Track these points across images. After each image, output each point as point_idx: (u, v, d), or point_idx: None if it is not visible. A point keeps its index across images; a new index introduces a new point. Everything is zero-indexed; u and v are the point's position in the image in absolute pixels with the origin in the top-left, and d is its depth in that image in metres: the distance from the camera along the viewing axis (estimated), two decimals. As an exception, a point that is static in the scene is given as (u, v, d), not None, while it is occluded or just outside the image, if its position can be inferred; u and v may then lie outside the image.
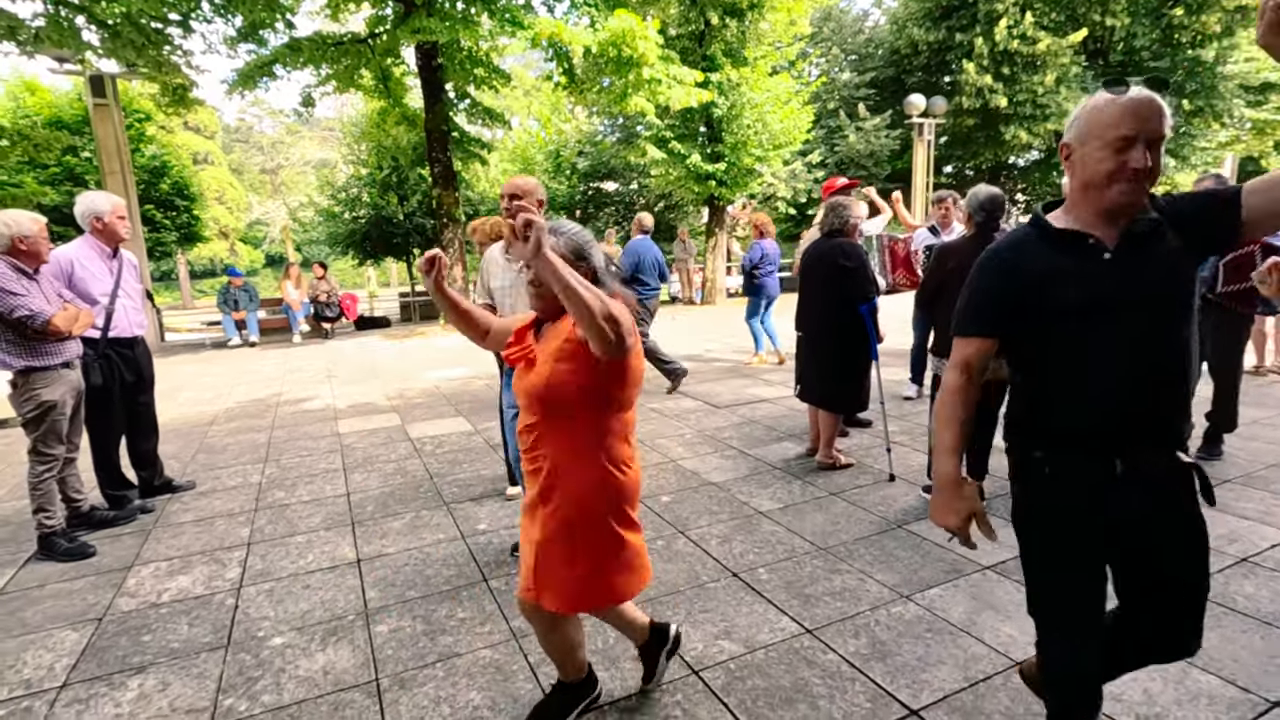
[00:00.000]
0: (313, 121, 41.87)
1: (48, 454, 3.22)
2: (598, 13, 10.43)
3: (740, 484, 3.99)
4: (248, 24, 10.83)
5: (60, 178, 15.79)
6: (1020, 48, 16.14)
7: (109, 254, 3.71)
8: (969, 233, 3.60)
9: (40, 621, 2.74)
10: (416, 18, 9.71)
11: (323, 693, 2.23)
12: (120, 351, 3.75)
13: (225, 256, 39.18)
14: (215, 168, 42.10)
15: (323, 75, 12.05)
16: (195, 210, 19.28)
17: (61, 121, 15.68)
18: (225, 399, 7.15)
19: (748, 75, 13.74)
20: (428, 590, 2.88)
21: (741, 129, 14.03)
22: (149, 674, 2.36)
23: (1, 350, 3.07)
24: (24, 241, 3.06)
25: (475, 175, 18.08)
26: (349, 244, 16.93)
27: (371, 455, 4.84)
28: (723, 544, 3.20)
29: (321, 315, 12.37)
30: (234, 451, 5.10)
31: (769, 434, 4.96)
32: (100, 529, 3.63)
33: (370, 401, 6.68)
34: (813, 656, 2.31)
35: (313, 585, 2.96)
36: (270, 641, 2.53)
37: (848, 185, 5.69)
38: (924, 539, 3.16)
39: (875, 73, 20.58)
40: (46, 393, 3.16)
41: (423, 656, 2.40)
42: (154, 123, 18.17)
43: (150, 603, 2.86)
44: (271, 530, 3.58)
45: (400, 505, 3.86)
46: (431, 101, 12.19)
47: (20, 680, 2.36)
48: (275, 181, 48.47)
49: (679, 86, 11.16)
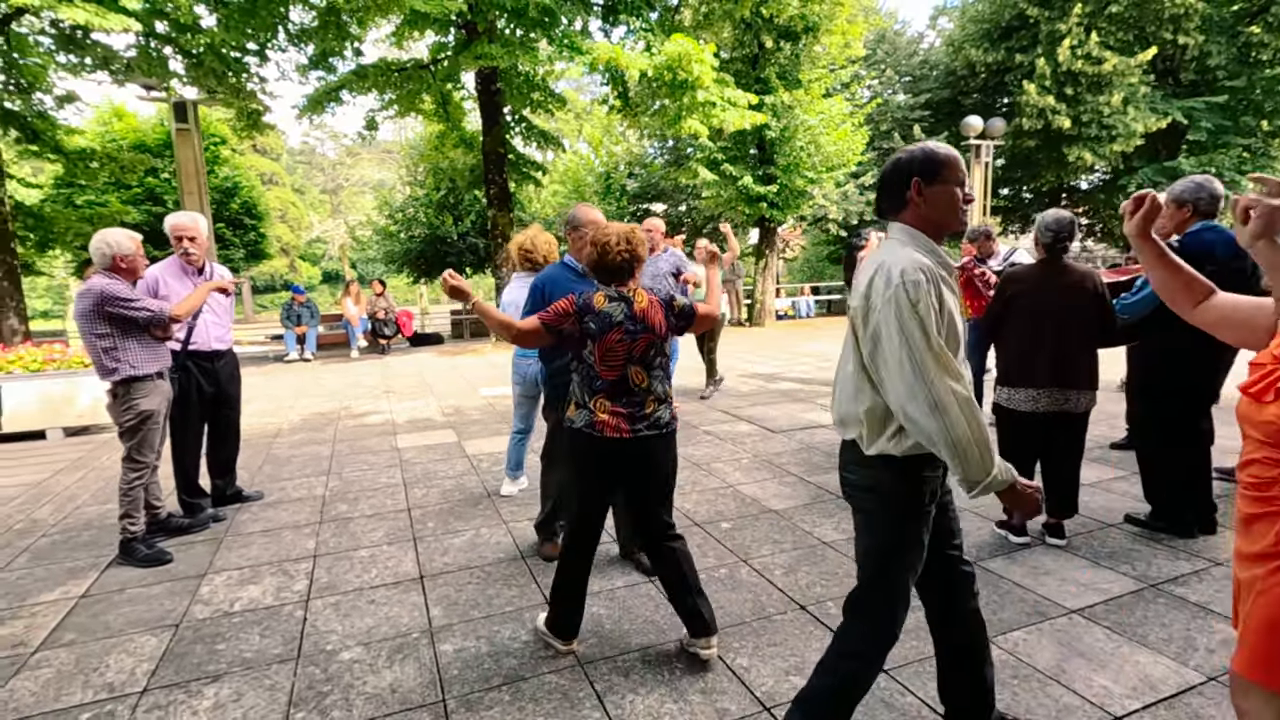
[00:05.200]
0: (372, 144, 43.57)
1: (140, 462, 3.36)
2: (654, 37, 10.58)
3: (802, 512, 3.89)
4: (319, 52, 11.35)
5: (142, 197, 16.73)
6: (1085, 68, 15.68)
7: (194, 271, 3.87)
8: (1039, 258, 3.47)
9: (121, 626, 2.83)
10: (479, 44, 10.01)
11: (390, 711, 2.23)
12: (200, 364, 3.90)
13: (285, 273, 40.78)
14: (279, 188, 44.02)
15: (386, 100, 12.53)
16: (262, 229, 20.14)
17: (145, 145, 16.64)
18: (289, 412, 7.38)
19: (801, 98, 13.72)
20: (490, 611, 2.87)
21: (794, 151, 13.99)
22: (224, 683, 2.41)
23: (108, 360, 3.23)
24: (124, 260, 3.24)
25: (528, 196, 18.44)
26: (404, 262, 17.43)
27: (430, 471, 4.90)
28: (788, 574, 3.12)
29: (379, 331, 12.72)
30: (298, 463, 5.24)
31: (829, 461, 4.85)
32: (175, 536, 3.76)
33: (427, 417, 6.80)
34: (891, 699, 2.21)
35: (378, 600, 2.99)
36: (339, 656, 2.55)
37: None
38: (1001, 578, 3.01)
39: (930, 94, 20.29)
40: (145, 402, 3.31)
41: (488, 679, 2.38)
42: (227, 146, 19.11)
43: (223, 611, 2.93)
44: (336, 543, 3.65)
45: (460, 522, 3.89)
46: (489, 124, 12.52)
47: (104, 683, 2.43)
48: (335, 201, 50.36)
49: (733, 109, 11.21)
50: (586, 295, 2.30)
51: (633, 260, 2.32)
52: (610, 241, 2.30)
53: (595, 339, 2.25)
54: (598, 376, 2.29)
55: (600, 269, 2.35)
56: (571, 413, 2.36)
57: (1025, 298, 3.32)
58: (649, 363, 2.32)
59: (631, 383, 2.30)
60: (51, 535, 3.90)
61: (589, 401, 2.30)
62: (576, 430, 2.32)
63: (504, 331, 2.33)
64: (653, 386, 2.33)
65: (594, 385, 2.30)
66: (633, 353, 2.28)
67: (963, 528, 3.55)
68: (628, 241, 2.31)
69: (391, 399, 7.92)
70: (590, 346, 2.27)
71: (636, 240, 2.33)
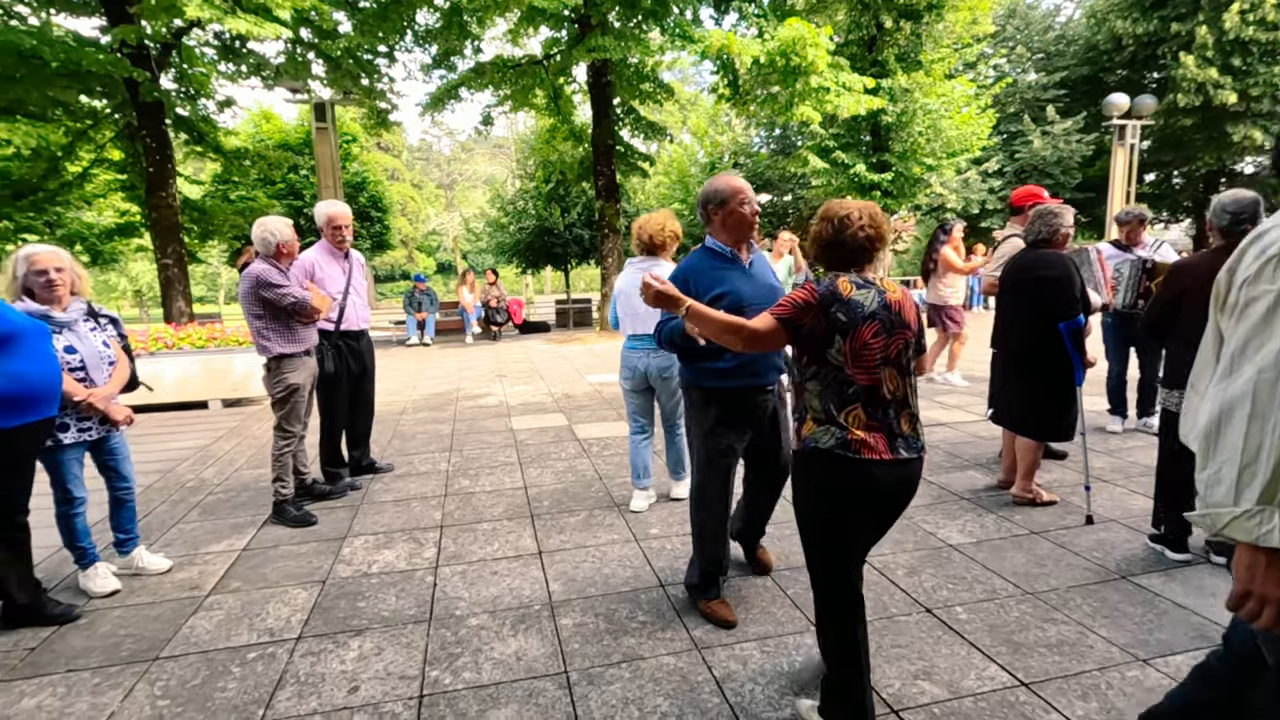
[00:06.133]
0: (485, 140, 45.38)
1: (289, 431, 3.69)
2: (767, 23, 10.37)
3: (924, 512, 3.71)
4: (441, 51, 11.94)
5: (284, 192, 18.27)
6: (1257, 34, 13.93)
7: (341, 256, 4.18)
8: (1215, 244, 3.10)
9: (277, 579, 3.12)
10: (592, 37, 10.18)
11: (517, 678, 2.32)
12: (349, 343, 4.21)
13: (404, 263, 43.37)
14: (400, 183, 46.82)
15: (501, 96, 13.00)
16: (386, 221, 21.50)
17: (288, 144, 18.15)
18: (412, 391, 7.85)
19: (921, 80, 13.03)
20: (606, 589, 2.93)
21: (911, 136, 13.33)
22: (366, 637, 2.60)
23: (264, 339, 3.56)
24: (284, 246, 3.55)
25: (634, 187, 18.62)
26: (514, 253, 18.07)
27: (544, 452, 5.07)
28: (910, 575, 2.98)
29: (491, 319, 13.28)
30: (423, 440, 5.57)
31: (951, 460, 4.60)
32: (319, 500, 4.09)
33: (538, 401, 7.03)
34: (1033, 714, 2.07)
35: (500, 572, 3.12)
36: (467, 621, 2.69)
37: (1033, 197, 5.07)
38: (1157, 595, 2.75)
39: (1066, 72, 18.73)
40: (293, 376, 3.62)
41: (608, 655, 2.43)
42: (357, 143, 20.51)
43: (363, 572, 3.16)
44: (460, 515, 3.84)
45: (574, 503, 3.99)
46: (599, 117, 12.72)
47: (265, 628, 2.68)
48: (449, 195, 52.97)
49: (848, 94, 10.81)
50: (829, 282, 1.87)
51: (875, 241, 1.91)
52: (851, 215, 1.89)
53: (846, 334, 1.82)
54: (850, 381, 1.83)
55: (834, 248, 1.93)
56: (810, 430, 1.87)
57: (1200, 291, 2.99)
58: (904, 368, 1.90)
59: (886, 390, 1.85)
60: (216, 494, 4.35)
61: (839, 414, 1.83)
62: (822, 453, 1.83)
63: (731, 337, 1.91)
64: (909, 397, 1.90)
65: (845, 393, 1.83)
66: (889, 352, 1.85)
67: (1110, 539, 3.27)
68: (871, 218, 1.91)
69: (504, 383, 8.26)
70: (839, 344, 1.82)
71: (881, 219, 1.95)
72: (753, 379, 2.60)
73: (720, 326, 1.92)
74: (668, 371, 3.59)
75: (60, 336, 2.82)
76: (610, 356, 10.37)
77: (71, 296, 2.90)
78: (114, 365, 3.01)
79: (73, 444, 2.87)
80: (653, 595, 2.86)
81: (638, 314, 3.59)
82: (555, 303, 18.45)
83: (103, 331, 3.01)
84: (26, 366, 2.42)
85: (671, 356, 3.54)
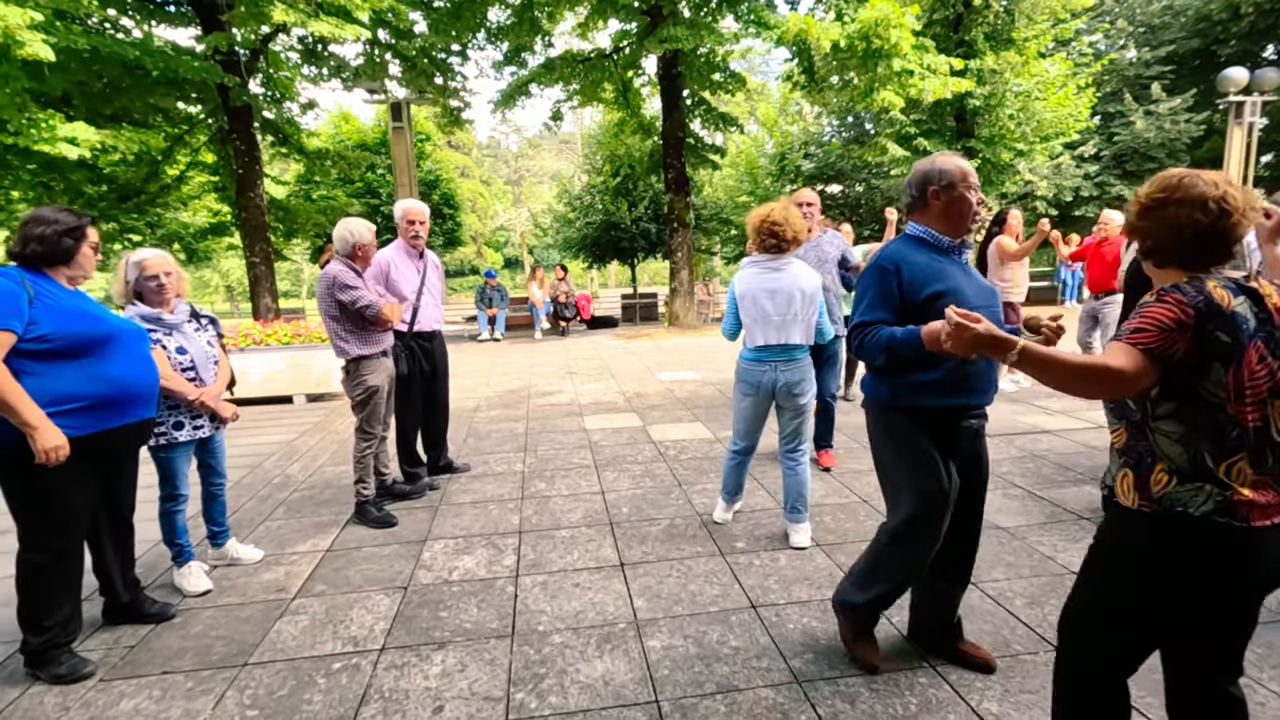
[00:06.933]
0: (552, 135, 45.87)
1: (370, 433, 3.68)
2: (847, 4, 9.91)
3: (1037, 532, 3.38)
4: (512, 48, 11.99)
5: (362, 191, 18.88)
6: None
7: (416, 256, 4.16)
8: None
9: (360, 583, 3.10)
10: (664, 27, 9.98)
11: (605, 705, 2.19)
12: (421, 344, 4.19)
13: (473, 259, 44.35)
14: (470, 180, 47.89)
15: (570, 90, 12.97)
16: (458, 218, 21.96)
17: (365, 144, 18.74)
18: (484, 389, 7.89)
19: (1012, 59, 12.23)
20: (694, 608, 2.77)
21: (999, 120, 12.55)
22: (449, 651, 2.52)
23: (341, 340, 3.56)
24: (361, 248, 3.53)
25: (702, 180, 18.33)
26: (580, 247, 18.08)
27: (619, 455, 4.95)
28: (1031, 606, 2.69)
29: (560, 314, 13.32)
30: (497, 439, 5.54)
31: (1062, 473, 4.21)
32: (399, 501, 4.09)
33: (610, 400, 6.93)
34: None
35: (581, 584, 3.01)
36: (550, 639, 2.58)
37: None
38: (1336, 644, 2.37)
39: (1173, 46, 17.28)
40: (372, 379, 3.61)
41: (700, 684, 2.27)
42: (430, 141, 21.00)
43: (444, 579, 3.10)
44: (538, 521, 3.76)
45: (654, 510, 3.85)
46: (669, 109, 12.52)
47: (349, 636, 2.65)
48: (516, 192, 53.85)
49: (933, 77, 10.24)
50: (1197, 289, 1.37)
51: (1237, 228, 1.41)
52: (1230, 197, 1.39)
53: (1229, 361, 1.35)
54: (1233, 423, 1.37)
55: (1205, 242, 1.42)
56: (1173, 489, 1.40)
57: None
58: None
59: (1276, 431, 1.38)
60: (301, 490, 4.42)
61: (1218, 468, 1.37)
62: (1194, 521, 1.38)
63: (1092, 385, 1.40)
64: None
65: (1226, 440, 1.37)
66: (1277, 380, 1.38)
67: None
68: (1246, 198, 1.41)
69: (575, 380, 8.20)
70: (1217, 374, 1.36)
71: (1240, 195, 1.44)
72: (970, 396, 2.10)
73: (1070, 371, 1.40)
74: (799, 387, 3.22)
75: (171, 338, 2.92)
76: (679, 353, 10.19)
77: (176, 299, 2.97)
78: (218, 365, 3.07)
79: (186, 442, 2.95)
80: (744, 617, 2.68)
81: (770, 321, 3.17)
82: (621, 297, 18.39)
83: (205, 332, 3.07)
84: (123, 370, 2.44)
85: (806, 370, 3.23)
